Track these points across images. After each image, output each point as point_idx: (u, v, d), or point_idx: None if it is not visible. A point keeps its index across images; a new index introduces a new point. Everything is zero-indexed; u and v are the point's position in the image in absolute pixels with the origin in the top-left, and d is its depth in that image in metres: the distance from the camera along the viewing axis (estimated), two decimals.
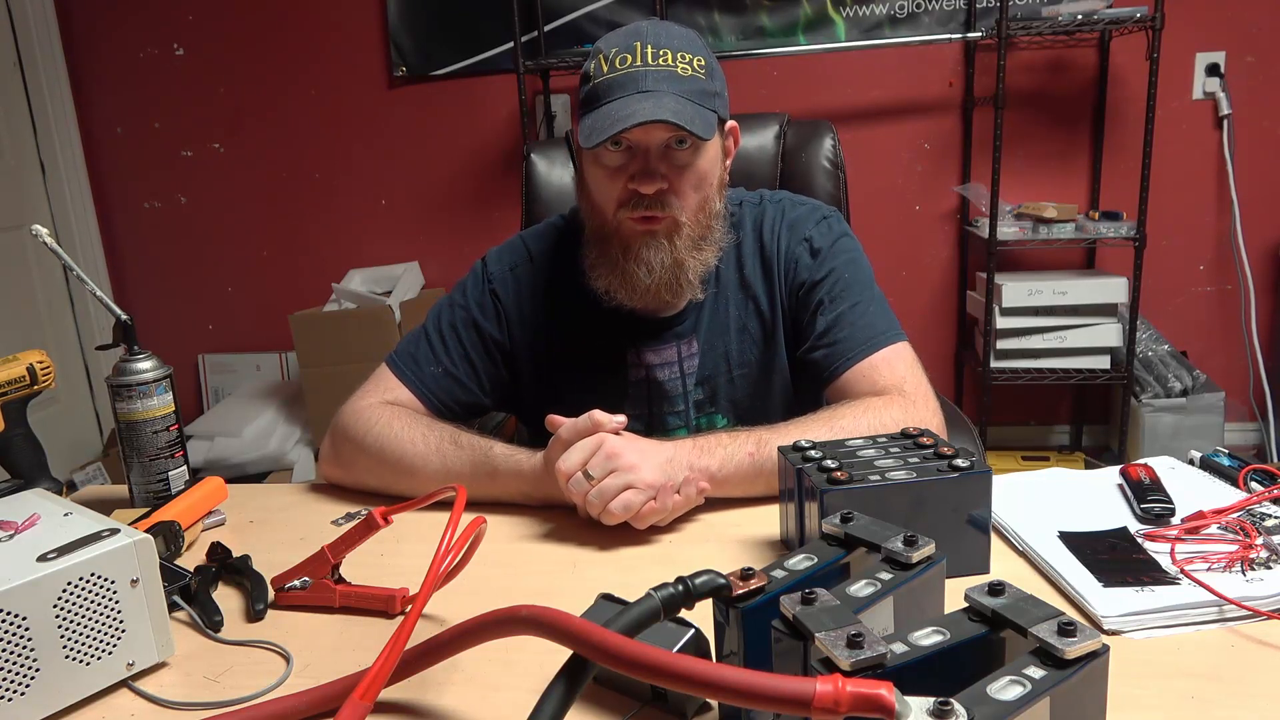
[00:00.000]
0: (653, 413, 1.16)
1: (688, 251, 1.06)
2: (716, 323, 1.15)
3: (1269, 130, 2.66)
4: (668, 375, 1.15)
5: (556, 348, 1.16)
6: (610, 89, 1.01)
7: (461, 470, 0.99)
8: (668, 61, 1.00)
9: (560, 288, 1.16)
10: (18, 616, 0.62)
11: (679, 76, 1.00)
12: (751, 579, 0.59)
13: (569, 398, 1.04)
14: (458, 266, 3.09)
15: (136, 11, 3.07)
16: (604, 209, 1.06)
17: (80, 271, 1.01)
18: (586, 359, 1.16)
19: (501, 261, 1.18)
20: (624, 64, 1.01)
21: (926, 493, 0.75)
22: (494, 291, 1.17)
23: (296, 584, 0.80)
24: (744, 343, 1.15)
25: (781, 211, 1.17)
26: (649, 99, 0.98)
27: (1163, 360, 2.64)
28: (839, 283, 1.11)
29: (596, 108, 1.01)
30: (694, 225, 1.06)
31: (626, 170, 1.03)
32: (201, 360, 3.32)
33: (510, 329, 1.17)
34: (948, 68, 2.76)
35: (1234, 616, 0.69)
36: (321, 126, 3.08)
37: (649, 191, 1.02)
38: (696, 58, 1.02)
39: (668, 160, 1.03)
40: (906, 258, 2.89)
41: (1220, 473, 0.92)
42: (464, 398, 1.16)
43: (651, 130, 0.99)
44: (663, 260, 1.04)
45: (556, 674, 0.52)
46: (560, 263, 1.16)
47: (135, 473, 1.01)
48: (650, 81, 0.99)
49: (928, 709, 0.43)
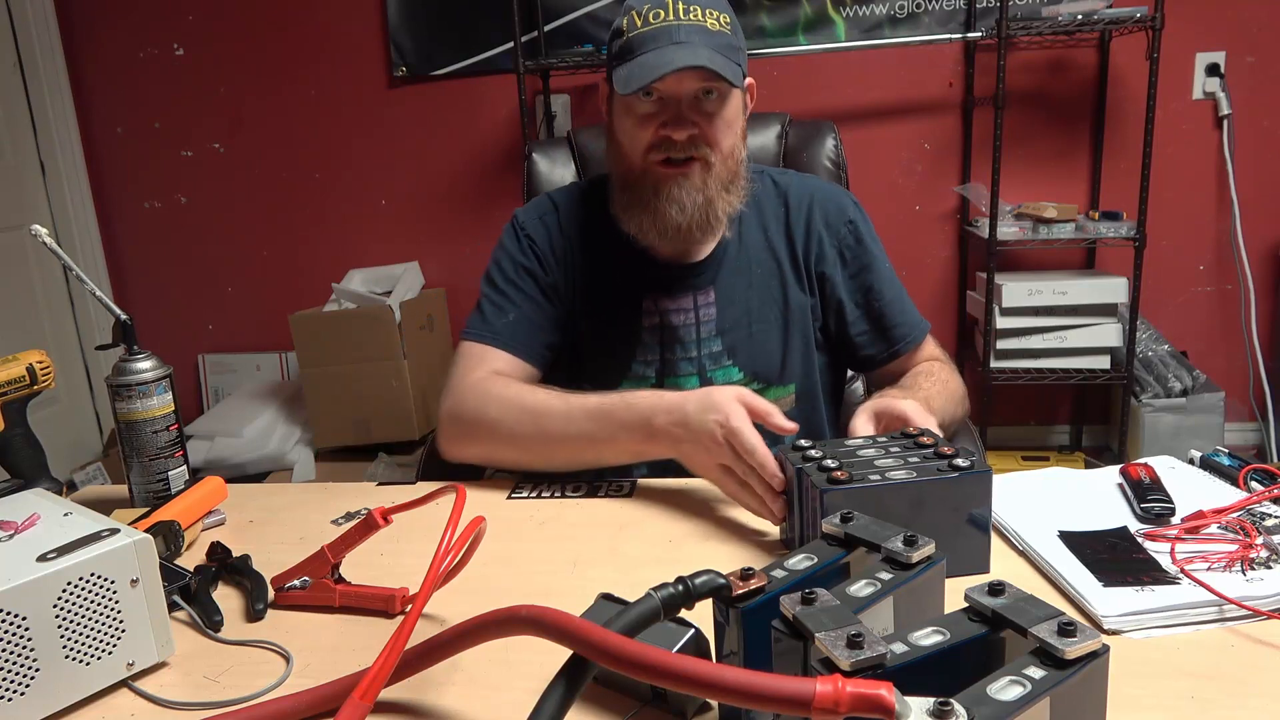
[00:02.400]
0: (665, 359, 1.19)
1: (718, 190, 1.11)
2: (737, 277, 1.20)
3: (1269, 130, 2.66)
4: (681, 321, 1.19)
5: (580, 290, 1.21)
6: (644, 41, 1.06)
7: (594, 409, 1.01)
8: (698, 16, 1.06)
9: (584, 235, 1.21)
10: (18, 616, 0.62)
11: (709, 30, 1.06)
12: (751, 579, 0.59)
13: (588, 340, 1.18)
14: (458, 266, 3.09)
15: (136, 11, 3.07)
16: (632, 155, 1.12)
17: (80, 271, 1.01)
18: (605, 302, 1.20)
19: (529, 213, 1.25)
20: (657, 19, 1.06)
21: (926, 493, 0.75)
22: (529, 236, 1.22)
23: (296, 584, 0.80)
24: (765, 300, 1.20)
25: (808, 187, 1.24)
26: (683, 49, 1.04)
27: (1163, 360, 2.64)
28: (885, 273, 1.23)
29: (632, 58, 1.06)
30: (723, 167, 1.11)
31: (657, 118, 1.08)
32: (201, 360, 3.32)
33: (549, 269, 1.22)
34: (948, 68, 2.76)
35: (1234, 616, 0.69)
36: (321, 126, 3.08)
37: (681, 137, 1.07)
38: (723, 14, 1.09)
39: (697, 109, 1.08)
40: (906, 258, 2.88)
41: (1220, 472, 0.92)
42: (547, 339, 1.20)
43: (684, 80, 1.05)
44: (695, 199, 1.10)
45: (556, 674, 0.52)
46: (584, 212, 1.23)
47: (135, 473, 1.01)
48: (683, 34, 1.05)
49: (928, 709, 0.43)
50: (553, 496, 1.03)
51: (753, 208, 1.20)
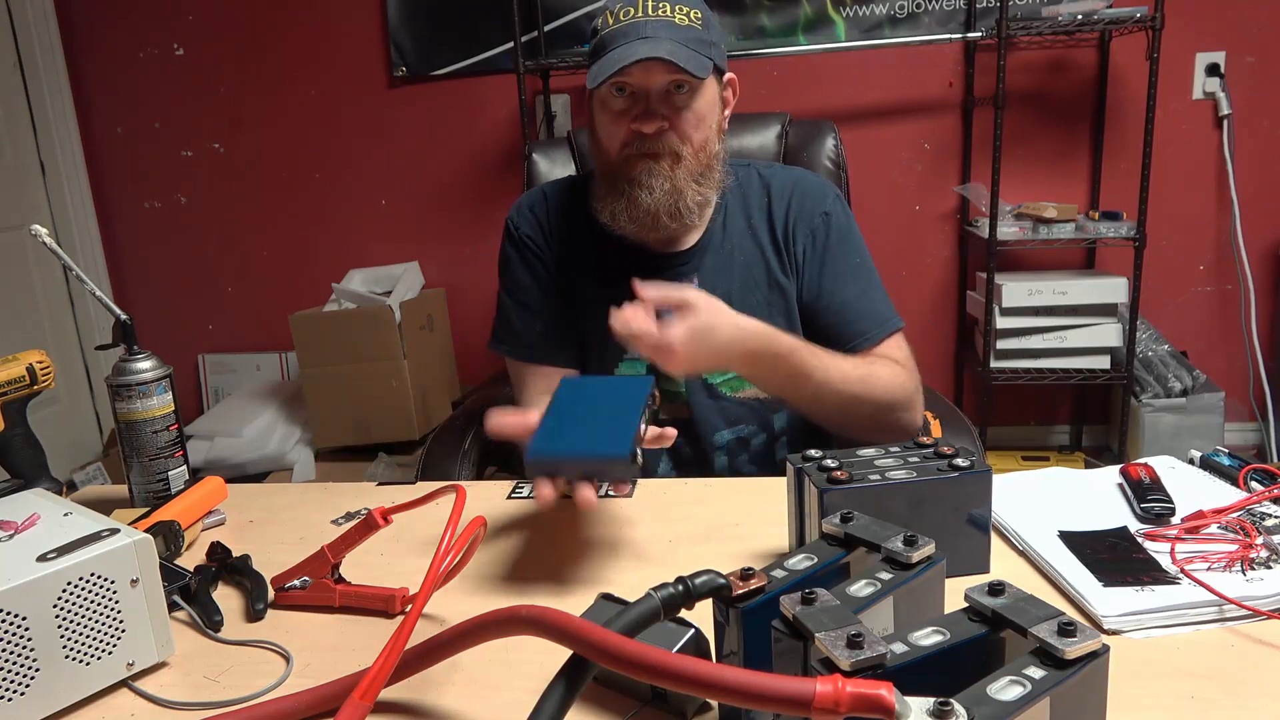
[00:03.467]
0: None
1: (686, 181, 1.13)
2: (720, 265, 1.21)
3: (1269, 130, 2.66)
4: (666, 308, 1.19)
5: (575, 275, 1.24)
6: (614, 38, 1.09)
7: None
8: (666, 13, 1.09)
9: (573, 222, 1.24)
10: (18, 616, 0.62)
11: (676, 25, 1.08)
12: (751, 579, 0.59)
13: (586, 322, 1.22)
14: (458, 266, 3.09)
15: (136, 11, 3.07)
16: (609, 149, 1.14)
17: (80, 271, 1.01)
18: (598, 286, 1.21)
19: (520, 207, 1.29)
20: (627, 16, 1.09)
21: (926, 492, 0.75)
22: (526, 236, 1.26)
23: (296, 584, 0.80)
24: (747, 288, 1.21)
25: (793, 176, 1.26)
26: (647, 44, 1.06)
27: (1163, 360, 2.64)
28: (850, 269, 1.21)
29: (602, 54, 1.09)
30: (694, 160, 1.13)
31: (630, 113, 1.11)
32: (201, 360, 3.32)
33: (548, 263, 1.26)
34: (948, 68, 2.76)
35: (1234, 616, 0.69)
36: (321, 126, 3.08)
37: (650, 131, 1.09)
38: (694, 10, 1.10)
39: (668, 103, 1.10)
40: (906, 258, 2.89)
41: (1220, 472, 0.92)
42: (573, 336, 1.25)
43: (652, 74, 1.07)
44: (662, 185, 1.11)
45: (556, 674, 0.52)
46: (573, 202, 1.26)
47: (135, 473, 1.01)
48: (650, 30, 1.08)
49: (928, 709, 0.43)
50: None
51: (737, 197, 1.23)
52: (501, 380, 1.45)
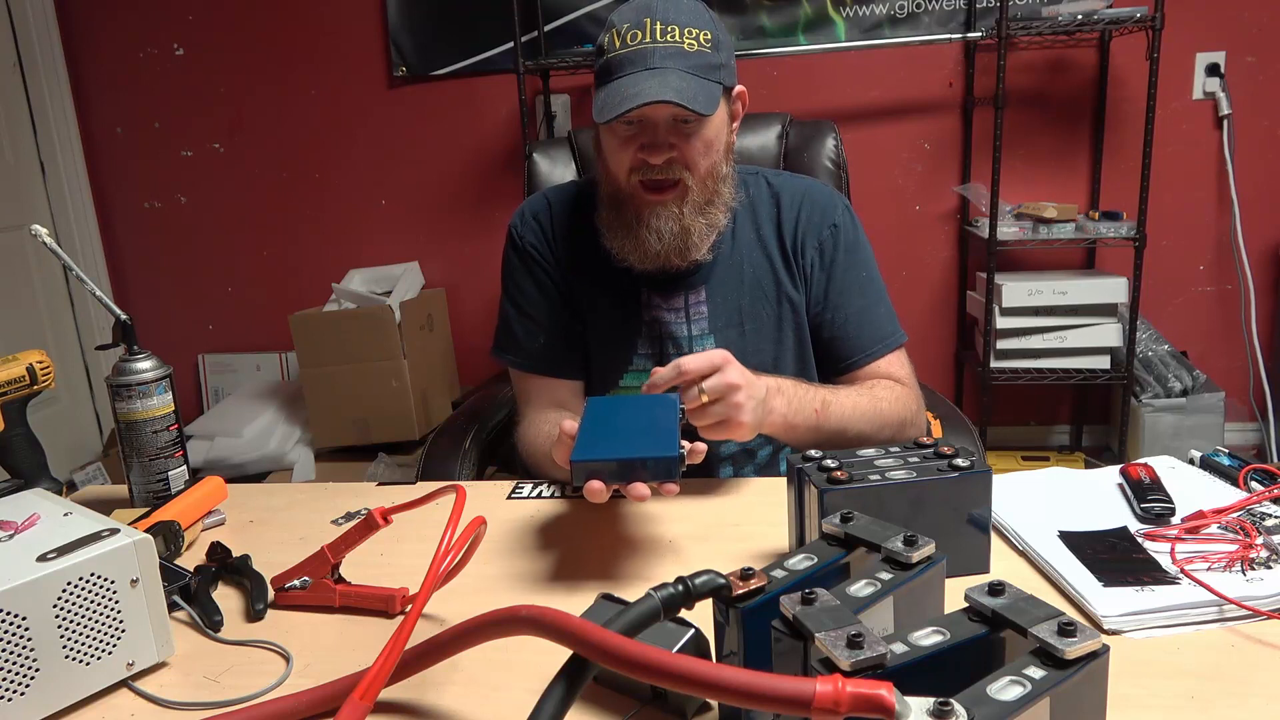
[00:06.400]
0: (662, 351, 1.21)
1: (694, 216, 1.12)
2: (729, 277, 1.21)
3: (1269, 130, 2.66)
4: (674, 319, 1.21)
5: (581, 285, 1.23)
6: (621, 65, 1.06)
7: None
8: (675, 38, 1.06)
9: (579, 232, 1.22)
10: (18, 616, 0.62)
11: (685, 53, 1.06)
12: (751, 579, 0.59)
13: (593, 333, 1.22)
14: (458, 266, 3.09)
15: (136, 11, 3.07)
16: (617, 175, 1.13)
17: (80, 271, 1.01)
18: (606, 296, 1.22)
19: (524, 214, 1.27)
20: (634, 40, 1.06)
21: (926, 492, 0.75)
22: (530, 246, 1.25)
23: (296, 584, 0.80)
24: (757, 299, 1.21)
25: (802, 186, 1.25)
26: (655, 77, 1.04)
27: (1163, 360, 2.64)
28: (857, 282, 1.20)
29: (609, 82, 1.07)
30: (700, 190, 1.12)
31: (637, 140, 1.09)
32: (201, 360, 3.32)
33: (551, 272, 1.25)
34: (948, 68, 2.76)
35: (1234, 616, 0.69)
36: (321, 126, 3.07)
37: (657, 161, 1.09)
38: (703, 32, 1.07)
39: (675, 132, 1.09)
40: (906, 258, 2.88)
41: (1220, 472, 0.92)
42: (576, 347, 1.24)
43: (658, 107, 1.05)
44: (671, 228, 1.11)
45: (556, 674, 0.52)
46: (579, 210, 1.24)
47: (135, 473, 1.01)
48: (657, 59, 1.05)
49: (928, 709, 0.43)
50: (553, 496, 1.03)
51: (746, 209, 1.21)
52: (502, 381, 1.46)
